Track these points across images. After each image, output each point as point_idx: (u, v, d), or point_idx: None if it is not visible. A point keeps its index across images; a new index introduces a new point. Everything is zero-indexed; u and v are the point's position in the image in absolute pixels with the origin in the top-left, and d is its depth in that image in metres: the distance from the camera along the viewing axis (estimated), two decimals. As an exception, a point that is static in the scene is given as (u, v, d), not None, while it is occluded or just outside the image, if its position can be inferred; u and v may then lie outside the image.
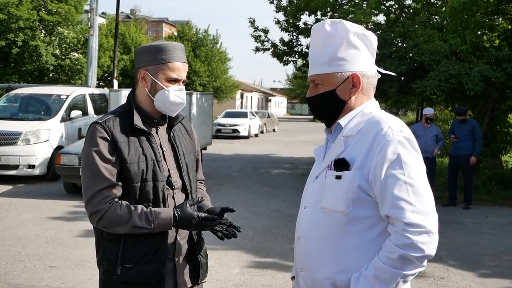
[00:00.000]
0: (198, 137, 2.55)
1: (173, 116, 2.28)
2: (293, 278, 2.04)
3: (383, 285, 1.70)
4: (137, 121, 2.18)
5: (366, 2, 12.36)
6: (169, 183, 2.20)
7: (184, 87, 2.26)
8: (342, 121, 1.86)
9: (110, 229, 2.12)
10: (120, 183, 2.11)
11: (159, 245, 2.14)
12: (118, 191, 2.11)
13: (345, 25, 1.86)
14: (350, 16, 11.27)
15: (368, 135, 1.78)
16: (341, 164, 1.79)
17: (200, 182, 2.52)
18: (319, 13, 13.57)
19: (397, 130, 1.75)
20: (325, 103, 1.90)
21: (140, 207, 2.11)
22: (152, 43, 2.24)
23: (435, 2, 12.75)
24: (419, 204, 1.69)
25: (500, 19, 12.42)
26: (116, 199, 2.11)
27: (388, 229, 1.73)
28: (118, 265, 2.13)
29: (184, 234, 2.24)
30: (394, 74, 2.22)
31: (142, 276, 2.13)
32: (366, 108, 1.87)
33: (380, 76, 1.94)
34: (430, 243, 1.68)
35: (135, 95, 2.28)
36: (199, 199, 2.22)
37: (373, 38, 1.90)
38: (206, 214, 2.16)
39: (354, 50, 1.85)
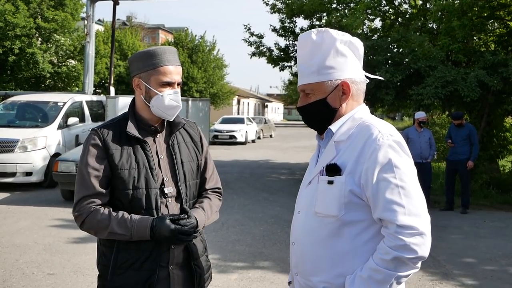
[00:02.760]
0: None
1: (171, 120, 2.27)
2: (289, 283, 2.06)
3: (377, 286, 1.73)
4: (130, 128, 2.20)
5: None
6: (162, 191, 2.19)
7: (178, 90, 2.25)
8: (333, 127, 1.89)
9: (92, 233, 2.18)
10: (104, 190, 2.15)
11: (151, 252, 2.15)
12: (102, 198, 2.15)
13: (331, 34, 1.89)
14: (343, 19, 11.28)
15: (358, 140, 1.81)
16: (332, 169, 1.82)
17: (214, 191, 2.43)
18: (314, 19, 13.60)
19: (387, 134, 1.79)
20: (316, 111, 1.92)
21: (121, 213, 2.12)
22: (144, 49, 2.26)
23: (430, 7, 12.81)
24: (411, 206, 1.72)
25: (496, 24, 12.50)
26: (99, 206, 2.14)
27: (381, 232, 1.76)
28: (110, 270, 2.17)
29: None
30: (382, 78, 2.26)
31: (132, 282, 2.14)
32: (356, 113, 1.90)
33: (368, 81, 1.97)
34: (423, 245, 1.71)
35: (135, 102, 2.31)
36: (183, 216, 2.15)
37: (359, 44, 1.94)
38: (184, 227, 2.10)
39: (342, 57, 1.88)
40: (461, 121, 9.40)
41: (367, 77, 1.96)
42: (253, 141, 27.93)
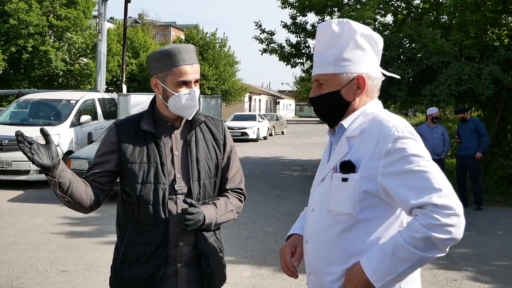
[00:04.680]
0: None
1: (189, 119, 2.24)
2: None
3: (396, 263, 1.65)
4: (144, 123, 2.21)
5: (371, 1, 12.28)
6: (173, 188, 2.18)
7: (195, 89, 2.20)
8: (345, 122, 1.85)
9: None
10: (94, 171, 2.21)
11: (157, 248, 2.14)
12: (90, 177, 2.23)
13: (352, 26, 1.84)
14: (354, 12, 11.16)
15: (372, 136, 1.76)
16: (347, 166, 1.77)
17: (234, 191, 2.39)
18: (325, 14, 13.50)
19: (401, 127, 1.74)
20: (329, 103, 1.88)
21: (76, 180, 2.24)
22: (161, 48, 2.25)
23: (443, 1, 12.67)
24: (443, 187, 1.64)
25: (510, 18, 12.32)
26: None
27: (414, 213, 1.66)
28: (118, 262, 2.21)
29: (188, 240, 2.18)
30: (398, 76, 2.21)
31: (136, 276, 2.16)
32: (369, 108, 1.86)
33: (384, 78, 1.92)
34: (458, 226, 1.63)
35: (155, 99, 2.32)
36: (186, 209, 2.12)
37: (379, 40, 1.89)
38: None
39: (360, 51, 1.83)
40: (463, 115, 9.34)
41: (383, 74, 1.92)
42: (264, 138, 27.91)
